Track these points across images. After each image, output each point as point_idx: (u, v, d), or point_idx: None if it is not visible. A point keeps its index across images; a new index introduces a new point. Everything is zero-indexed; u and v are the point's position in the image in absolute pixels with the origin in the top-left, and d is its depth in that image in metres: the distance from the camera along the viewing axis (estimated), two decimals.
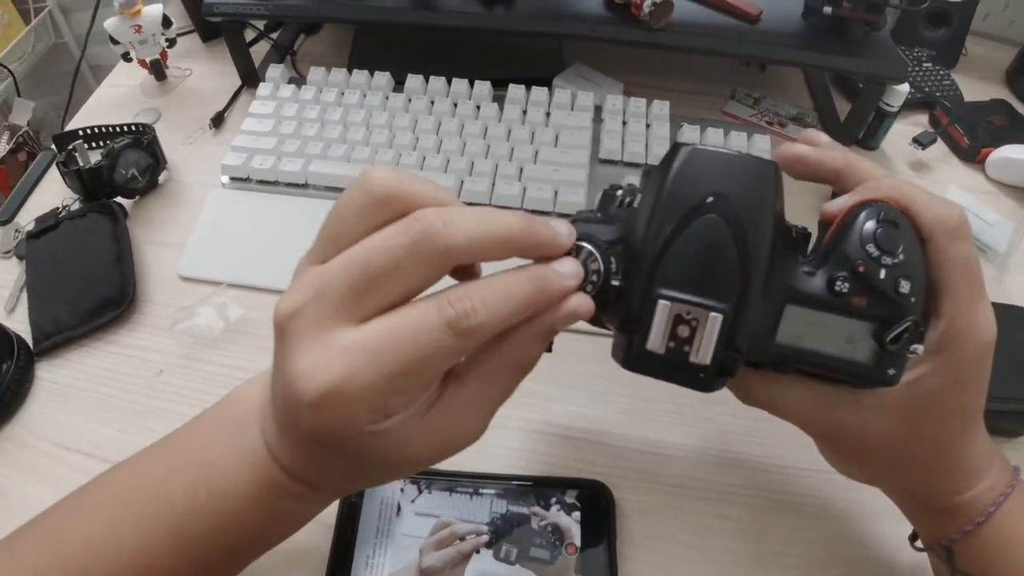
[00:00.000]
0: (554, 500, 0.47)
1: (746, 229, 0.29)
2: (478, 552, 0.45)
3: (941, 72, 0.85)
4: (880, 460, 0.35)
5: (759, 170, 0.29)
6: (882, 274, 0.30)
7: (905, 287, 0.30)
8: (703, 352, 0.29)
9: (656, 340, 0.29)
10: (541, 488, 0.48)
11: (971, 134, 0.77)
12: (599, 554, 0.45)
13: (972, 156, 0.77)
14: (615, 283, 0.30)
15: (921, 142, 0.74)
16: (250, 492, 0.31)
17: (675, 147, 0.30)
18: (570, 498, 0.47)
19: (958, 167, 0.77)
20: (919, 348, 0.30)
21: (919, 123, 0.81)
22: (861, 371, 0.30)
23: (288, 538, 0.35)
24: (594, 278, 0.30)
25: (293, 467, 0.30)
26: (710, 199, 0.29)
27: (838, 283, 0.30)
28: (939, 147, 0.77)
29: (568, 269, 0.29)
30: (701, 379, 0.30)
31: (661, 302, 0.29)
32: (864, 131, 0.76)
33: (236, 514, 0.32)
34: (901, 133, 0.76)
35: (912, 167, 0.76)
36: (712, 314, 0.28)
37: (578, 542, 0.46)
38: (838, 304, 0.30)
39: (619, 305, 0.30)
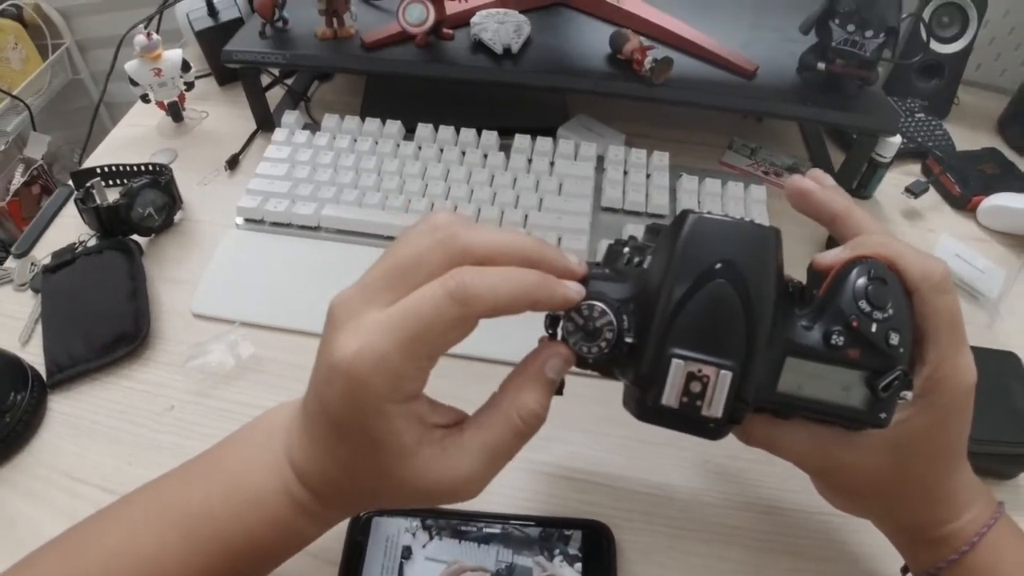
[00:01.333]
0: (557, 551, 0.48)
1: (751, 292, 0.31)
2: None
3: (933, 122, 0.87)
4: (872, 495, 0.37)
5: (762, 237, 0.32)
6: (873, 328, 0.32)
7: (895, 339, 0.32)
8: (715, 406, 0.31)
9: (671, 396, 0.31)
10: (546, 533, 0.49)
11: (963, 182, 0.78)
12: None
13: (964, 204, 0.78)
14: (628, 340, 0.32)
15: (913, 191, 0.76)
16: (261, 498, 0.34)
17: (683, 214, 0.33)
18: (573, 548, 0.48)
19: (950, 215, 0.79)
20: (908, 394, 0.33)
21: (912, 172, 0.82)
22: (855, 415, 0.33)
23: (291, 557, 0.37)
24: (608, 335, 0.32)
25: (306, 468, 0.34)
26: (718, 265, 0.31)
27: (834, 337, 0.32)
28: (931, 195, 0.79)
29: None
30: (711, 429, 0.32)
31: (675, 361, 0.31)
32: (857, 181, 0.78)
33: (245, 518, 0.34)
34: (894, 182, 0.78)
35: (905, 215, 0.78)
36: (722, 371, 0.31)
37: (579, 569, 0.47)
38: (834, 356, 0.32)
39: (632, 360, 0.33)
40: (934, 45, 0.87)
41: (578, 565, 0.47)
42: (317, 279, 0.65)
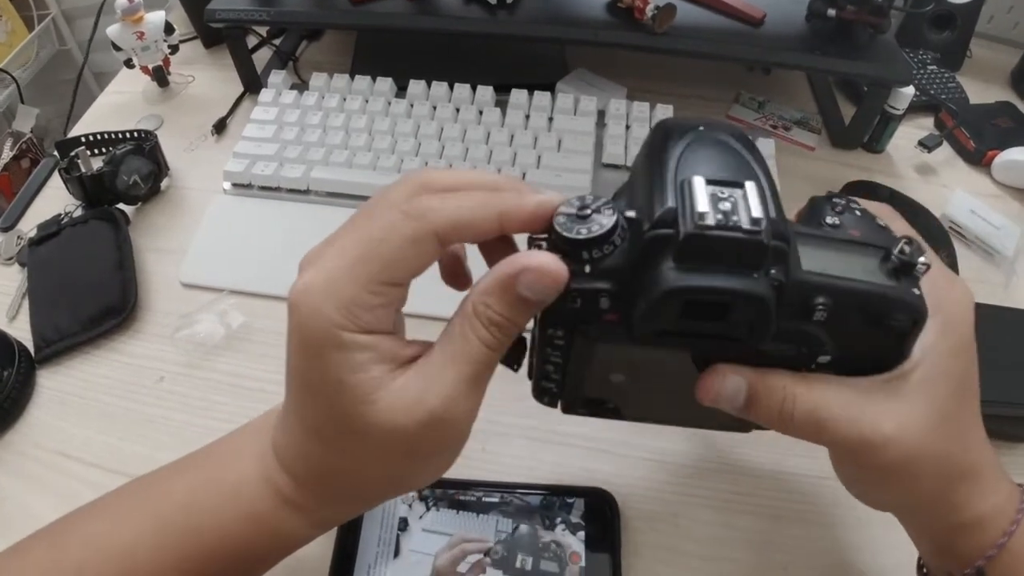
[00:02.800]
0: (559, 520, 0.46)
1: (743, 135, 0.30)
2: (484, 573, 0.44)
3: (946, 75, 0.84)
4: (902, 464, 0.32)
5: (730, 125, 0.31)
6: (858, 212, 0.32)
7: (882, 221, 0.32)
8: (753, 208, 0.26)
9: (703, 206, 0.26)
10: (548, 502, 0.47)
11: (977, 137, 0.76)
12: (604, 565, 0.45)
13: (978, 159, 0.76)
14: (630, 214, 0.29)
15: (927, 145, 0.74)
16: (237, 489, 0.32)
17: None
18: (575, 516, 0.46)
19: (964, 170, 0.76)
20: (922, 259, 0.30)
21: (924, 126, 0.80)
22: (892, 294, 0.29)
23: (275, 561, 0.35)
24: (609, 211, 0.28)
25: (286, 451, 0.32)
26: (700, 127, 0.30)
27: (829, 217, 0.31)
28: (945, 150, 0.76)
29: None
30: (759, 247, 0.26)
31: (695, 178, 0.27)
32: (869, 134, 0.75)
33: (220, 513, 0.32)
34: (906, 136, 0.76)
35: (918, 170, 0.75)
36: (748, 182, 0.27)
37: (583, 553, 0.45)
38: (838, 235, 0.30)
39: (635, 233, 0.28)
40: None
41: (581, 533, 0.46)
42: (308, 244, 0.61)
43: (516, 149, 0.68)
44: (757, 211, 0.26)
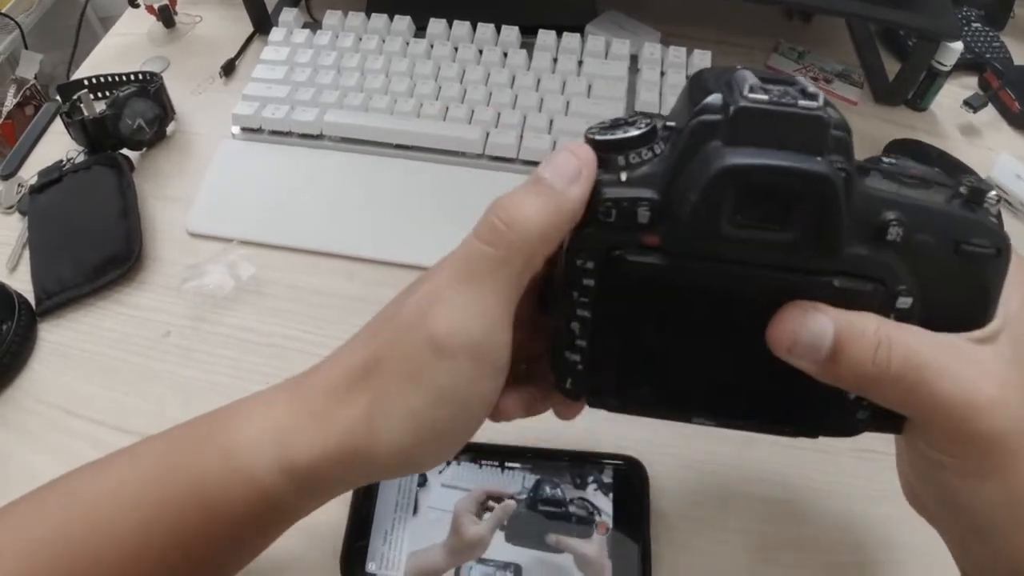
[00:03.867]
0: (591, 479, 0.44)
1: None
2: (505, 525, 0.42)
3: (991, 33, 0.80)
4: (1009, 447, 0.26)
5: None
6: (912, 161, 0.28)
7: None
8: (809, 88, 0.23)
9: (754, 82, 0.23)
10: (577, 465, 0.44)
11: (1022, 99, 0.72)
12: (631, 534, 0.42)
13: (1023, 122, 0.72)
14: (670, 122, 0.26)
15: (972, 105, 0.70)
16: (234, 451, 0.30)
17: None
18: (607, 477, 0.44)
19: (1009, 133, 0.72)
20: (992, 194, 0.26)
21: (967, 86, 0.76)
22: (970, 215, 0.25)
23: (268, 544, 0.33)
24: (644, 122, 0.26)
25: (326, 373, 0.30)
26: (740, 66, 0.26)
27: (885, 159, 0.27)
28: (989, 111, 0.72)
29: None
30: (820, 123, 0.23)
31: (740, 70, 0.24)
32: (914, 91, 0.71)
33: (207, 467, 0.30)
34: (950, 95, 0.72)
35: (962, 131, 0.72)
36: (800, 78, 0.24)
37: (610, 521, 0.42)
38: (900, 171, 0.26)
39: (673, 143, 0.25)
40: None
41: (611, 495, 0.43)
42: (321, 192, 0.60)
43: (543, 94, 0.64)
44: (813, 88, 0.23)
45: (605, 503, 0.43)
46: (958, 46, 0.66)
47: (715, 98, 0.24)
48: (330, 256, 0.57)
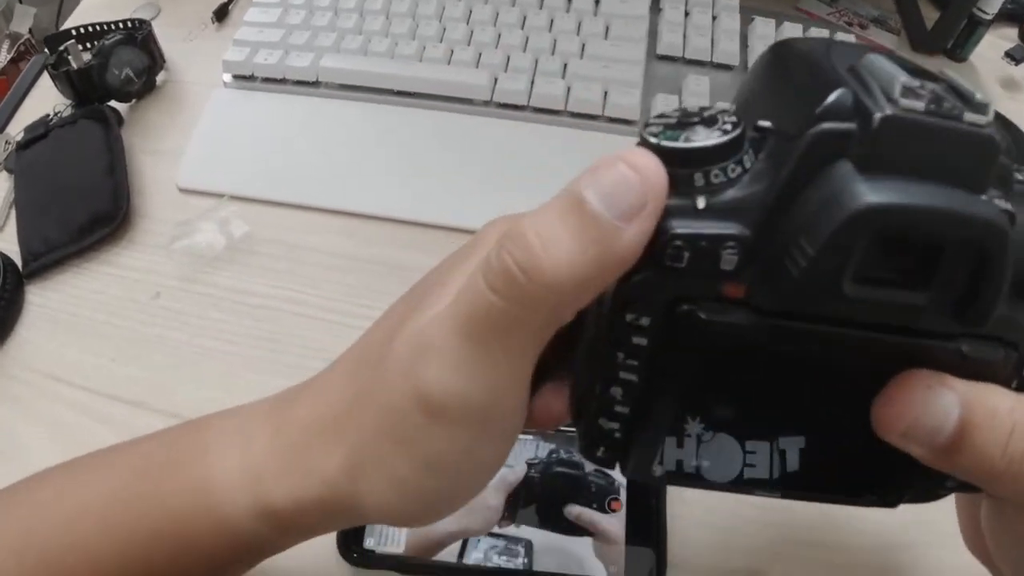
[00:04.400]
0: None
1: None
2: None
3: None
4: None
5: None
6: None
7: None
8: (976, 94, 0.17)
9: (904, 80, 0.17)
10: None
11: None
12: (646, 511, 0.40)
13: None
14: (764, 123, 0.19)
15: (1015, 57, 0.66)
16: (206, 485, 0.27)
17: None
18: None
19: None
20: None
21: (1008, 37, 0.71)
22: None
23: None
24: (730, 118, 0.19)
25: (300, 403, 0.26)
26: (835, 41, 0.20)
27: (1021, 178, 0.20)
28: None
29: None
30: (991, 146, 0.17)
31: (874, 55, 0.18)
32: (953, 40, 0.68)
33: (181, 503, 0.27)
34: (990, 46, 0.68)
35: (1003, 84, 0.68)
36: (947, 72, 0.18)
37: (624, 498, 0.40)
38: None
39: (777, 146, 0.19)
40: None
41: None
42: (318, 143, 0.56)
43: (556, 35, 0.60)
44: (980, 94, 0.17)
45: (619, 477, 0.40)
46: None
47: (844, 96, 0.17)
48: (328, 212, 0.54)
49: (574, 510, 0.39)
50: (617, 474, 0.39)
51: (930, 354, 0.19)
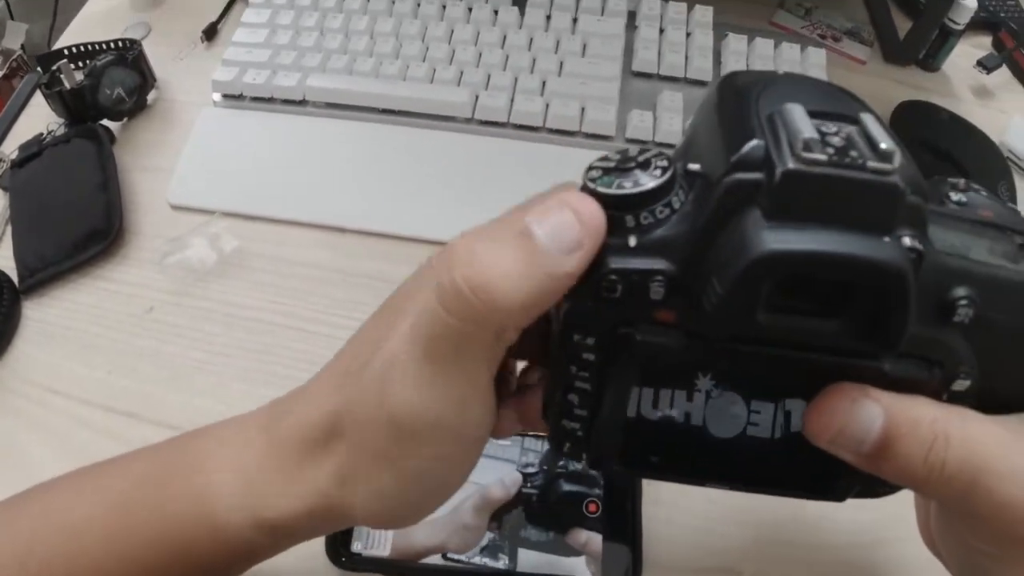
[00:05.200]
0: None
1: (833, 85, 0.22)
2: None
3: None
4: None
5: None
6: (984, 192, 0.24)
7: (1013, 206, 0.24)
8: (880, 139, 0.18)
9: (808, 132, 0.18)
10: None
11: None
12: (622, 512, 0.41)
13: None
14: (693, 167, 0.21)
15: (986, 66, 0.68)
16: (204, 491, 0.28)
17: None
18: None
19: (1022, 95, 0.70)
20: None
21: (981, 45, 0.73)
22: None
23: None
24: (662, 162, 0.21)
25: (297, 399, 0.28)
26: (780, 73, 0.22)
27: (953, 195, 0.23)
28: (1003, 73, 0.71)
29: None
30: (893, 193, 0.18)
31: (790, 105, 0.19)
32: (925, 50, 0.69)
33: (178, 509, 0.29)
34: (963, 55, 0.70)
35: (975, 92, 0.70)
36: (864, 114, 0.20)
37: (600, 499, 0.42)
38: (969, 215, 0.22)
39: (703, 188, 0.21)
40: None
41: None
42: (305, 160, 0.58)
43: (535, 54, 0.62)
44: (886, 142, 0.18)
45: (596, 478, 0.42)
46: (972, 4, 0.64)
47: (756, 147, 0.19)
48: (315, 227, 0.55)
49: (580, 537, 0.40)
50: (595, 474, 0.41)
51: (855, 371, 0.21)
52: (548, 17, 0.64)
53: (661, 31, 0.65)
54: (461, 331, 0.21)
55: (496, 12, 0.64)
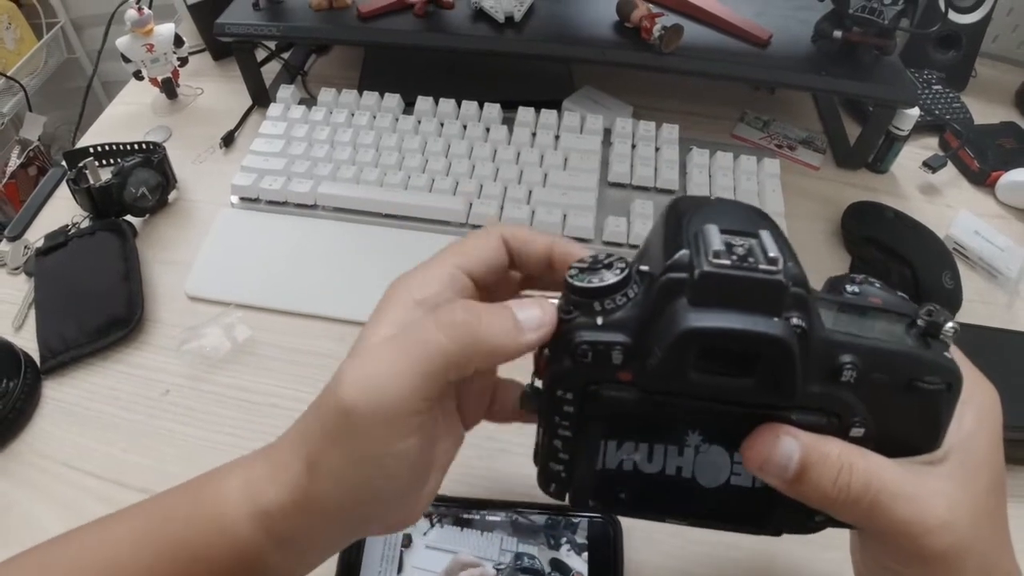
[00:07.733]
0: (564, 540, 0.46)
1: (756, 208, 0.30)
2: None
3: (951, 95, 0.84)
4: (954, 565, 0.29)
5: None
6: (877, 285, 0.31)
7: (903, 294, 0.31)
8: (770, 250, 0.25)
9: (718, 245, 0.26)
10: (553, 521, 0.47)
11: (981, 157, 0.76)
12: (605, 557, 0.45)
13: (982, 180, 0.76)
14: (643, 267, 0.28)
15: (931, 166, 0.74)
16: (220, 512, 0.31)
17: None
18: (580, 537, 0.46)
19: (968, 191, 0.76)
20: (950, 324, 0.29)
21: (929, 146, 0.80)
22: (923, 354, 0.28)
23: None
24: (621, 264, 0.29)
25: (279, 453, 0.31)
26: (714, 200, 0.30)
27: (849, 286, 0.30)
28: (949, 170, 0.76)
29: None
30: (778, 287, 0.25)
31: (708, 226, 0.27)
32: (874, 155, 0.75)
33: (200, 532, 0.31)
34: (911, 156, 0.76)
35: (922, 191, 0.75)
36: (763, 231, 0.27)
37: (586, 573, 0.45)
38: (860, 302, 0.29)
39: (646, 287, 0.28)
40: (952, 15, 0.84)
41: (585, 555, 0.46)
42: (314, 259, 0.63)
43: (522, 167, 0.69)
44: (774, 252, 0.25)
45: (579, 564, 0.45)
46: (914, 112, 0.70)
47: (683, 256, 0.26)
48: (323, 319, 0.60)
49: None
50: (575, 562, 0.45)
51: (770, 420, 0.28)
52: (534, 134, 0.71)
53: (633, 146, 0.72)
54: (439, 341, 0.28)
55: (488, 130, 0.71)
